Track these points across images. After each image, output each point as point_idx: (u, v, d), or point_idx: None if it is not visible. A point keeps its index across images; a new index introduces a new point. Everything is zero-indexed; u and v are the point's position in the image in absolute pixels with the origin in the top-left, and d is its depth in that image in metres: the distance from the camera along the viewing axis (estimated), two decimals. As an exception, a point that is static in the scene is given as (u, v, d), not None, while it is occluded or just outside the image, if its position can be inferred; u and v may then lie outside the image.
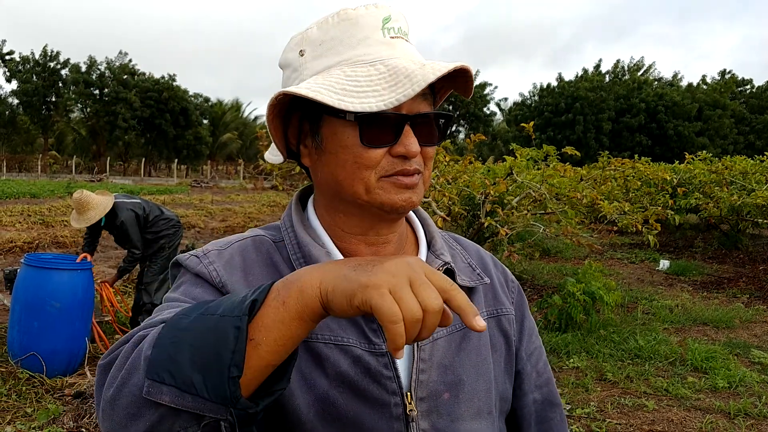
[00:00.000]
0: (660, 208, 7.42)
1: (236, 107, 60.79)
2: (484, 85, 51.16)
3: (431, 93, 0.81)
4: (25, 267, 4.40)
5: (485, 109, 51.82)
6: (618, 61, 47.32)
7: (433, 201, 5.87)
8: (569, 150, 6.48)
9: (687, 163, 12.13)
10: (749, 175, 10.54)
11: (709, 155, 12.98)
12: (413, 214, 0.96)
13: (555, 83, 42.01)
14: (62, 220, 12.87)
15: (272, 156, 0.89)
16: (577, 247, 8.87)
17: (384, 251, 0.87)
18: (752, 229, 12.49)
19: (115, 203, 5.14)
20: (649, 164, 10.74)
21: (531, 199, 6.77)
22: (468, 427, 0.84)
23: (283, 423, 0.78)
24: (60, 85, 47.38)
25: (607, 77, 43.51)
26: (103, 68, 47.42)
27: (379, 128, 0.76)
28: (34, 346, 4.25)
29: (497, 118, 54.02)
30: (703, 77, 45.57)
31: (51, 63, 47.09)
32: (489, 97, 51.86)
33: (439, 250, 0.91)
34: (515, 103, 46.61)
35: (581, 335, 5.59)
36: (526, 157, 6.79)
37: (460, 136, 49.20)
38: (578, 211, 6.55)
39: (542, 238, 9.21)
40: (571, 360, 5.04)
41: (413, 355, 0.82)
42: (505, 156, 7.05)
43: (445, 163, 6.58)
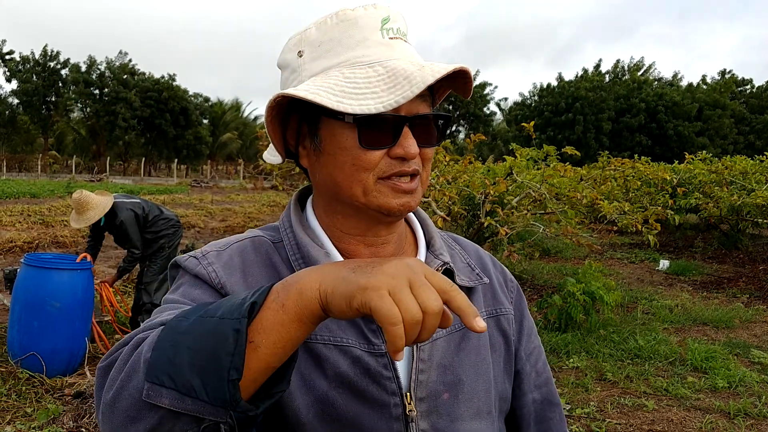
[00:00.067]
0: (660, 208, 7.41)
1: (236, 107, 60.77)
2: (484, 84, 51.10)
3: (430, 94, 0.81)
4: (25, 267, 4.39)
5: (485, 109, 51.78)
6: (618, 61, 47.32)
7: (433, 201, 5.87)
8: (569, 150, 6.48)
9: (687, 163, 12.15)
10: (749, 175, 10.55)
11: (709, 155, 13.01)
12: (412, 214, 0.96)
13: (555, 83, 42.02)
14: (62, 220, 12.86)
15: (271, 156, 0.89)
16: (577, 247, 8.87)
17: (383, 252, 0.87)
18: (752, 229, 12.48)
19: (115, 203, 5.14)
20: (649, 164, 10.76)
21: (531, 199, 6.77)
22: (467, 427, 0.84)
23: (283, 424, 0.77)
24: (60, 84, 47.35)
25: (607, 77, 43.47)
26: (103, 68, 47.41)
27: (377, 130, 0.75)
28: (33, 346, 4.25)
29: (497, 118, 54.04)
30: (703, 77, 45.57)
31: (51, 63, 47.07)
32: (489, 97, 51.81)
33: (438, 251, 0.90)
34: (515, 103, 46.62)
35: (581, 335, 5.59)
36: (526, 157, 6.80)
37: (460, 136, 49.17)
38: (578, 211, 6.55)
39: (542, 238, 9.22)
40: (571, 360, 5.04)
41: (413, 355, 0.82)
42: (505, 156, 7.05)
43: (445, 163, 6.58)
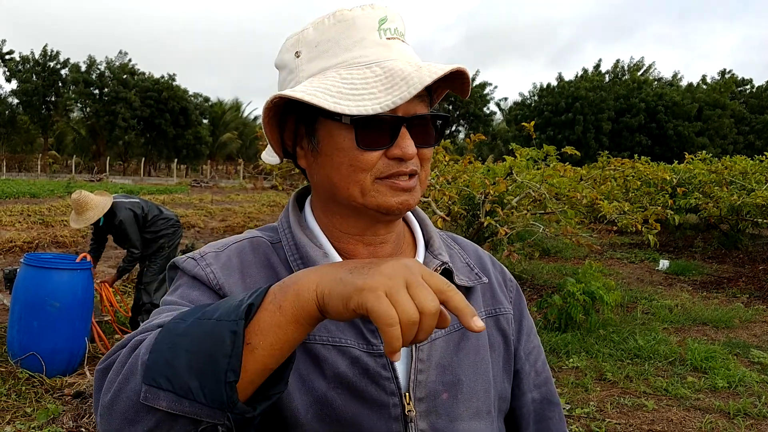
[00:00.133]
0: (660, 207, 7.41)
1: (236, 107, 60.75)
2: (484, 84, 51.05)
3: (427, 94, 0.81)
4: (25, 267, 4.39)
5: (485, 109, 51.73)
6: (618, 61, 47.30)
7: (432, 201, 5.87)
8: (569, 150, 6.48)
9: (687, 163, 12.16)
10: (749, 175, 10.55)
11: (709, 155, 13.02)
12: (411, 214, 0.96)
13: (555, 83, 42.01)
14: (62, 220, 12.86)
15: (269, 157, 0.89)
16: (576, 247, 8.86)
17: (381, 251, 0.87)
18: (752, 229, 12.48)
19: (114, 203, 5.14)
20: (649, 164, 10.77)
21: (531, 199, 6.77)
22: (467, 427, 0.84)
23: (282, 425, 0.77)
24: (60, 84, 47.34)
25: (606, 77, 43.46)
26: (103, 68, 47.40)
27: (375, 131, 0.75)
28: (33, 346, 4.25)
29: (497, 117, 54.02)
30: (703, 77, 45.54)
31: (51, 63, 47.06)
32: (489, 97, 51.76)
33: (437, 250, 0.90)
34: (515, 102, 46.60)
35: (581, 335, 5.59)
36: (525, 157, 6.79)
37: (460, 136, 49.18)
38: (578, 211, 6.54)
39: (542, 238, 9.21)
40: (571, 360, 5.04)
41: (411, 355, 0.82)
42: (504, 156, 7.05)
43: (445, 163, 6.58)
